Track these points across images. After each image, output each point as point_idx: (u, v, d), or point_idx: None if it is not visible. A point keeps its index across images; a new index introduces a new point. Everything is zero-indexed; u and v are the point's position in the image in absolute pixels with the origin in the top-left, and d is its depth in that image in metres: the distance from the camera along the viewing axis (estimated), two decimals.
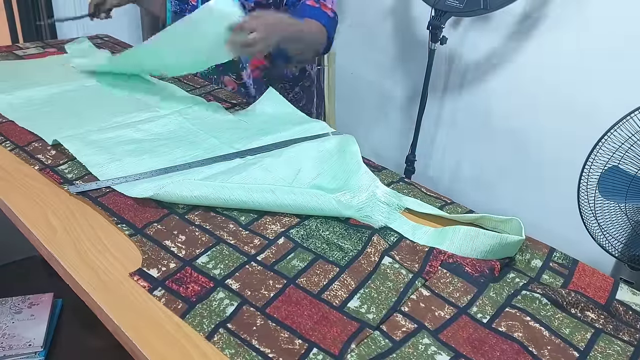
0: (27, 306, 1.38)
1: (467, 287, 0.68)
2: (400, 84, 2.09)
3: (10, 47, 1.46)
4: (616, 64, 1.48)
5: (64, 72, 1.29)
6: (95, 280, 0.65)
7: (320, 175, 0.90)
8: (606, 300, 0.67)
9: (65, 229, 0.73)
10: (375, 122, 2.24)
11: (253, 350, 0.56)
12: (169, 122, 1.04)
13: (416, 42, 1.96)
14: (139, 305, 0.61)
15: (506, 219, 0.77)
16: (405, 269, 0.69)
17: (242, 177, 0.86)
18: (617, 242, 1.10)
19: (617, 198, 1.04)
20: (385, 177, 0.92)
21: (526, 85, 1.70)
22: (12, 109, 1.06)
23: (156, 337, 0.58)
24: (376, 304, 0.64)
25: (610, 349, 0.60)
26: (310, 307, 0.63)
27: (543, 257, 0.74)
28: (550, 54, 1.61)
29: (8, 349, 1.25)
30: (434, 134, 2.03)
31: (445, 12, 1.51)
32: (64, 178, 0.85)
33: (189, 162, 0.91)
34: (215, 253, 0.70)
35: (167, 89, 1.23)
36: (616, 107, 1.22)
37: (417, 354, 0.58)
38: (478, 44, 1.78)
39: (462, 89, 1.88)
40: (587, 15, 1.51)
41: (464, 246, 0.74)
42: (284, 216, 0.79)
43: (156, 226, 0.74)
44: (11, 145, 0.93)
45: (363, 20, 2.12)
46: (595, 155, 1.05)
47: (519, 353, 0.59)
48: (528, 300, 0.66)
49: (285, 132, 1.03)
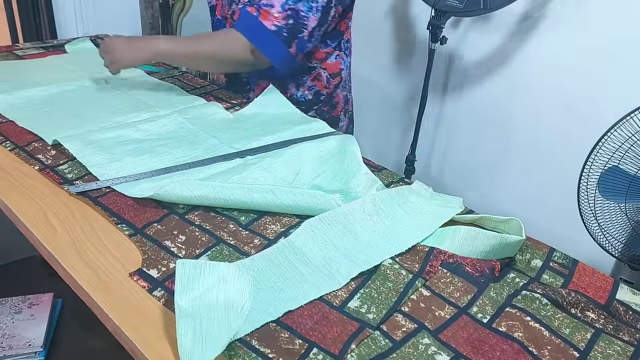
0: (27, 306, 1.38)
1: (467, 287, 0.68)
2: (400, 84, 2.09)
3: (10, 47, 1.46)
4: (616, 63, 1.48)
5: (64, 72, 1.29)
6: (95, 280, 0.65)
7: (321, 175, 0.90)
8: (606, 300, 0.67)
9: (65, 229, 0.73)
10: (375, 122, 2.24)
11: (253, 351, 0.56)
12: (169, 122, 1.04)
13: (416, 42, 1.96)
14: (139, 305, 0.61)
15: (506, 219, 0.77)
16: (405, 270, 0.69)
17: (242, 177, 0.86)
18: (617, 242, 1.10)
19: (617, 198, 1.04)
20: (385, 177, 0.92)
21: (526, 85, 1.70)
22: (12, 109, 1.06)
23: (156, 337, 0.58)
24: (376, 304, 0.64)
25: (610, 349, 0.60)
26: (310, 307, 0.63)
27: (543, 257, 0.74)
28: (550, 54, 1.61)
29: (8, 349, 1.25)
30: (434, 134, 2.03)
31: (445, 12, 1.51)
32: (64, 178, 0.85)
33: (189, 162, 0.91)
34: (215, 253, 0.70)
35: (167, 89, 1.23)
36: (616, 107, 1.22)
37: (417, 354, 0.58)
38: (478, 44, 1.78)
39: (462, 89, 1.88)
40: (587, 15, 1.51)
41: (464, 246, 0.74)
42: (284, 216, 0.79)
43: (156, 226, 0.74)
44: (11, 145, 0.93)
45: (363, 20, 2.12)
46: (595, 155, 1.05)
47: (519, 353, 0.59)
48: (528, 300, 0.66)
49: (285, 132, 1.03)
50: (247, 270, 0.61)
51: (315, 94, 1.27)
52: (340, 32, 1.23)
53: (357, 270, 0.68)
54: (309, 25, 1.10)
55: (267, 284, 0.65)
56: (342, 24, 1.23)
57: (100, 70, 1.30)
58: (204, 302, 0.57)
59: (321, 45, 1.22)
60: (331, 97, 1.29)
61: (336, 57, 1.26)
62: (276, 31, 1.08)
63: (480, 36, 1.76)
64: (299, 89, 1.26)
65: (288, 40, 1.10)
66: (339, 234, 0.73)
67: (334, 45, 1.24)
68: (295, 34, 1.10)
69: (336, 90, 1.29)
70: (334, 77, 1.27)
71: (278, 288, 0.64)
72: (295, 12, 1.08)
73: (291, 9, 1.08)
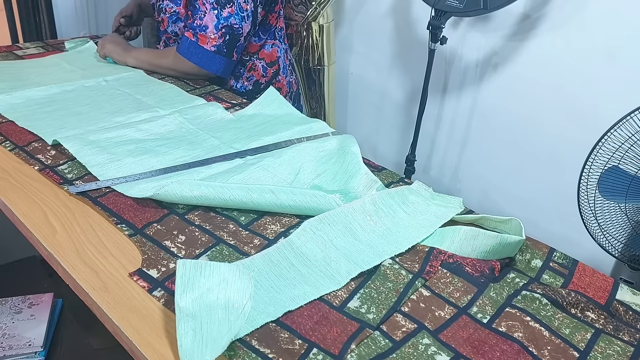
0: (27, 306, 1.38)
1: (467, 287, 0.68)
2: (400, 84, 2.09)
3: (10, 47, 1.46)
4: (616, 63, 1.48)
5: (64, 72, 1.29)
6: (95, 280, 0.65)
7: (320, 175, 0.90)
8: (606, 301, 0.67)
9: (65, 229, 0.73)
10: (375, 122, 2.24)
11: (253, 352, 0.56)
12: (169, 122, 1.04)
13: (416, 42, 1.96)
14: (139, 305, 0.61)
15: (506, 219, 0.77)
16: (405, 270, 0.69)
17: (242, 177, 0.86)
18: (617, 242, 1.10)
19: (617, 198, 1.04)
20: (385, 177, 0.92)
21: (526, 85, 1.70)
22: (12, 109, 1.06)
23: (156, 337, 0.58)
24: (376, 304, 0.64)
25: (610, 349, 0.60)
26: (310, 307, 0.63)
27: (543, 257, 0.74)
28: (550, 54, 1.61)
29: (8, 349, 1.25)
30: (434, 134, 2.03)
31: (445, 12, 1.51)
32: (64, 178, 0.85)
33: (189, 162, 0.91)
34: (215, 253, 0.70)
35: (167, 88, 1.23)
36: (616, 107, 1.22)
37: (417, 354, 0.58)
38: (478, 44, 1.78)
39: (462, 89, 1.88)
40: (587, 15, 1.51)
41: (464, 246, 0.74)
42: (284, 216, 0.79)
43: (156, 226, 0.74)
44: (11, 145, 0.93)
45: (363, 20, 2.12)
46: (595, 155, 1.04)
47: (519, 353, 0.59)
48: (528, 300, 0.66)
49: (285, 132, 1.03)
50: (247, 270, 0.61)
51: (254, 83, 1.37)
52: (269, 25, 1.33)
53: (357, 271, 0.68)
54: (244, 32, 1.22)
55: (267, 284, 0.65)
56: (271, 18, 1.32)
57: (100, 70, 1.30)
58: (205, 303, 0.58)
59: (254, 39, 1.31)
60: (271, 84, 1.37)
61: (272, 45, 1.36)
62: (216, 50, 1.21)
63: (480, 36, 1.76)
64: (238, 81, 1.35)
65: (229, 54, 1.23)
66: (339, 234, 0.73)
67: (267, 37, 1.34)
68: (234, 45, 1.22)
69: (276, 77, 1.40)
70: (271, 65, 1.37)
71: (278, 288, 0.64)
72: (229, 28, 1.19)
73: (225, 27, 1.18)
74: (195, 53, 1.21)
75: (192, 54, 1.22)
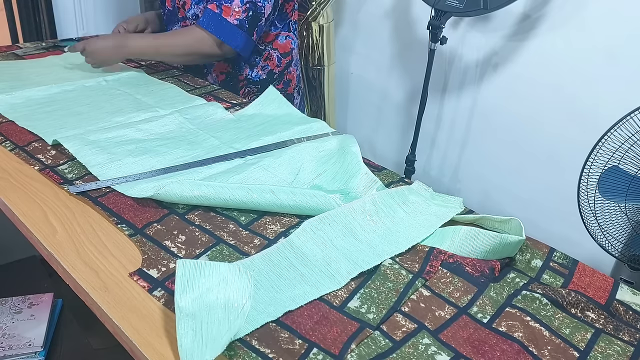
0: (27, 306, 1.38)
1: (467, 287, 0.68)
2: (400, 84, 2.09)
3: (10, 47, 1.46)
4: (616, 63, 1.48)
5: (64, 72, 1.29)
6: (95, 280, 0.65)
7: (321, 175, 0.90)
8: (606, 300, 0.67)
9: (65, 229, 0.73)
10: (375, 122, 2.24)
11: (253, 351, 0.56)
12: (169, 122, 1.04)
13: (416, 42, 1.96)
14: (139, 305, 0.61)
15: (506, 219, 0.77)
16: (405, 270, 0.69)
17: (242, 177, 0.86)
18: (617, 242, 1.09)
19: (617, 198, 1.04)
20: (385, 177, 0.92)
21: (526, 86, 1.70)
22: (12, 109, 1.06)
23: (156, 337, 0.58)
24: (376, 304, 0.64)
25: (610, 349, 0.60)
26: (310, 307, 0.63)
27: (543, 257, 0.74)
28: (550, 54, 1.61)
29: (8, 349, 1.25)
30: (434, 134, 2.03)
31: (445, 12, 1.51)
32: (64, 178, 0.85)
33: (189, 162, 0.91)
34: (215, 253, 0.70)
35: (167, 88, 1.23)
36: (616, 107, 1.22)
37: (417, 354, 0.58)
38: (478, 44, 1.78)
39: (462, 89, 1.88)
40: (587, 15, 1.51)
41: (464, 246, 0.74)
42: (284, 216, 0.79)
43: (156, 226, 0.74)
44: (11, 145, 0.93)
45: (363, 20, 2.12)
46: (595, 155, 1.04)
47: (519, 353, 0.59)
48: (528, 300, 0.66)
49: (285, 132, 1.03)
50: (247, 270, 0.61)
51: (268, 73, 1.38)
52: (285, 15, 1.35)
53: (357, 270, 0.68)
54: (266, 12, 1.23)
55: (267, 284, 0.65)
56: (288, 7, 1.34)
57: (100, 70, 1.30)
58: (204, 302, 0.58)
59: (271, 28, 1.33)
60: (283, 74, 1.41)
61: (286, 37, 1.38)
62: (239, 24, 1.20)
63: (480, 36, 1.76)
64: (253, 70, 1.36)
65: (250, 30, 1.22)
66: (339, 234, 0.73)
67: (282, 27, 1.36)
68: (255, 23, 1.22)
69: (288, 69, 1.42)
70: (285, 56, 1.39)
71: (278, 288, 0.64)
72: (253, 4, 1.20)
73: (250, 2, 1.19)
74: (218, 25, 1.19)
75: (214, 26, 1.19)
